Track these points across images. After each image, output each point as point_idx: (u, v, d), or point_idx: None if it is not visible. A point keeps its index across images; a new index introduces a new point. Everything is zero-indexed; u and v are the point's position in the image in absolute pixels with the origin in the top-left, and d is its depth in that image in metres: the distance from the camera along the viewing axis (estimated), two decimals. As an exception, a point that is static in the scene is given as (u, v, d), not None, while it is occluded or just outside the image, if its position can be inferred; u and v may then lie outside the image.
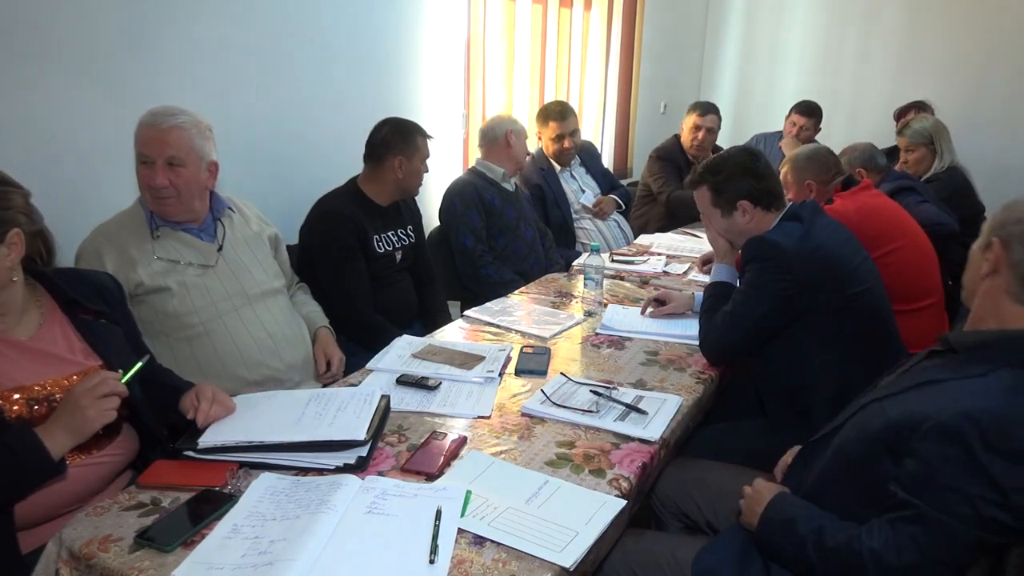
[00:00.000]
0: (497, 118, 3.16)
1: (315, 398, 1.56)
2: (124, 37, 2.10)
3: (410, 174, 2.47)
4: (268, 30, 2.52)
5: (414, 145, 2.46)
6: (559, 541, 1.19)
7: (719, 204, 1.95)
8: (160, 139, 1.77)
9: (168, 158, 1.77)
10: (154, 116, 1.79)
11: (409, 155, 2.45)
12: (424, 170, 2.53)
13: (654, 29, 4.95)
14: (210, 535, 1.18)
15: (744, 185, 1.90)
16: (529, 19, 3.94)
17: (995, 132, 4.59)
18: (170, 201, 1.81)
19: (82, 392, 1.25)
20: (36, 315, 1.41)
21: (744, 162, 1.93)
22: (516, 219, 3.04)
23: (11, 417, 1.26)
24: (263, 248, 2.04)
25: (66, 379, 1.36)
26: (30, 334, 1.38)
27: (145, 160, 1.78)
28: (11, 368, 1.32)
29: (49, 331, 1.42)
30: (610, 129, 4.86)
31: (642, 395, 1.74)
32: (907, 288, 2.42)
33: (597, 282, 2.42)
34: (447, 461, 1.42)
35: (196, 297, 1.83)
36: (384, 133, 2.46)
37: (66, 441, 1.24)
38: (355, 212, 2.39)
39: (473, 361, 1.90)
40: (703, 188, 1.97)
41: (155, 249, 1.81)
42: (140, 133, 1.79)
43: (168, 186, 1.78)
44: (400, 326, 2.40)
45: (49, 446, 1.21)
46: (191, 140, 1.80)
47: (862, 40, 5.12)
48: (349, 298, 2.35)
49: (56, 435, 1.23)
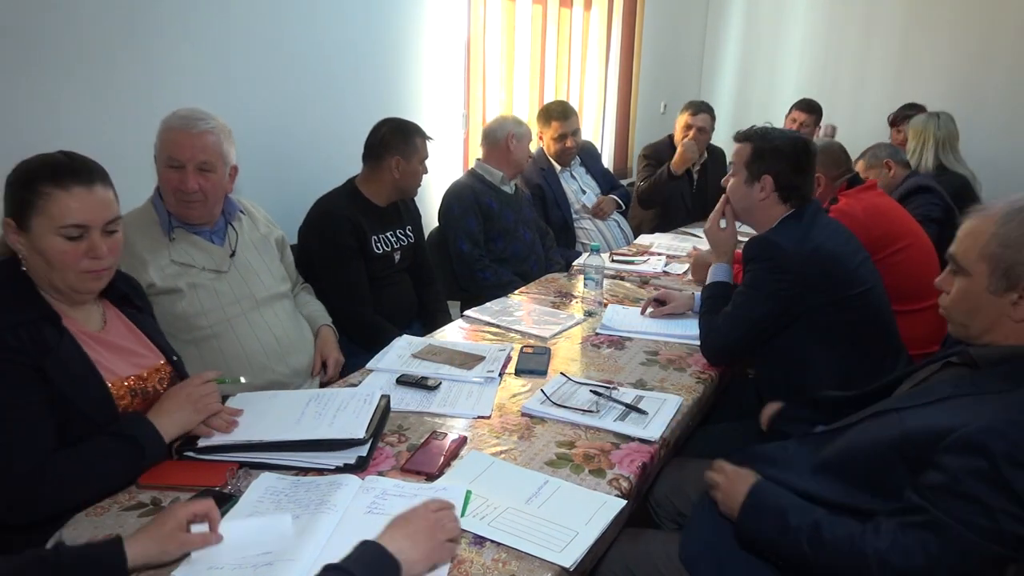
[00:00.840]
0: (500, 120, 3.11)
1: (315, 398, 1.56)
2: (123, 37, 2.10)
3: (408, 174, 2.46)
4: (267, 30, 2.52)
5: (413, 146, 2.45)
6: (559, 541, 1.19)
7: (750, 167, 1.93)
8: (192, 144, 1.78)
9: (200, 163, 1.79)
10: (184, 120, 1.79)
11: (408, 156, 2.44)
12: (423, 171, 2.52)
13: (654, 29, 4.95)
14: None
15: (781, 165, 1.89)
16: (529, 19, 3.94)
17: (994, 133, 4.59)
18: (196, 205, 1.82)
19: (198, 396, 1.40)
20: (97, 309, 1.45)
21: (796, 148, 1.91)
22: (515, 222, 3.03)
23: (123, 409, 1.37)
24: (271, 251, 2.04)
25: (146, 372, 1.45)
26: (98, 327, 1.43)
27: (174, 164, 1.78)
28: (106, 361, 1.38)
29: (113, 325, 1.47)
30: (610, 129, 4.86)
31: (642, 395, 1.74)
32: (913, 288, 2.42)
33: (597, 282, 2.42)
34: (447, 461, 1.42)
35: (205, 300, 1.84)
36: (383, 133, 2.45)
37: (174, 431, 1.37)
38: (353, 212, 2.38)
39: (473, 361, 1.89)
40: (748, 145, 1.94)
41: (171, 252, 1.82)
42: (169, 137, 1.79)
43: (198, 190, 1.79)
44: (400, 326, 2.40)
45: (162, 433, 1.35)
46: (220, 145, 1.82)
47: (862, 40, 5.12)
48: (348, 298, 2.35)
49: (166, 426, 1.35)
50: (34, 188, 1.29)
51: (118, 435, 1.30)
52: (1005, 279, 1.20)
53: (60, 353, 1.28)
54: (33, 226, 1.29)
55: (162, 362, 1.51)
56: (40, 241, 1.30)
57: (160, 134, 1.81)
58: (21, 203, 1.29)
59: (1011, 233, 1.19)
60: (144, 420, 1.34)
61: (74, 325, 1.36)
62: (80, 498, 1.24)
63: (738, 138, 1.99)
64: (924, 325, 2.38)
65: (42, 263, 1.32)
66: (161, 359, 1.52)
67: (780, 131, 2.00)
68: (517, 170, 3.12)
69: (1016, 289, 1.19)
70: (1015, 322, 1.21)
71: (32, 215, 1.29)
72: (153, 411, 1.38)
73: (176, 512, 1.10)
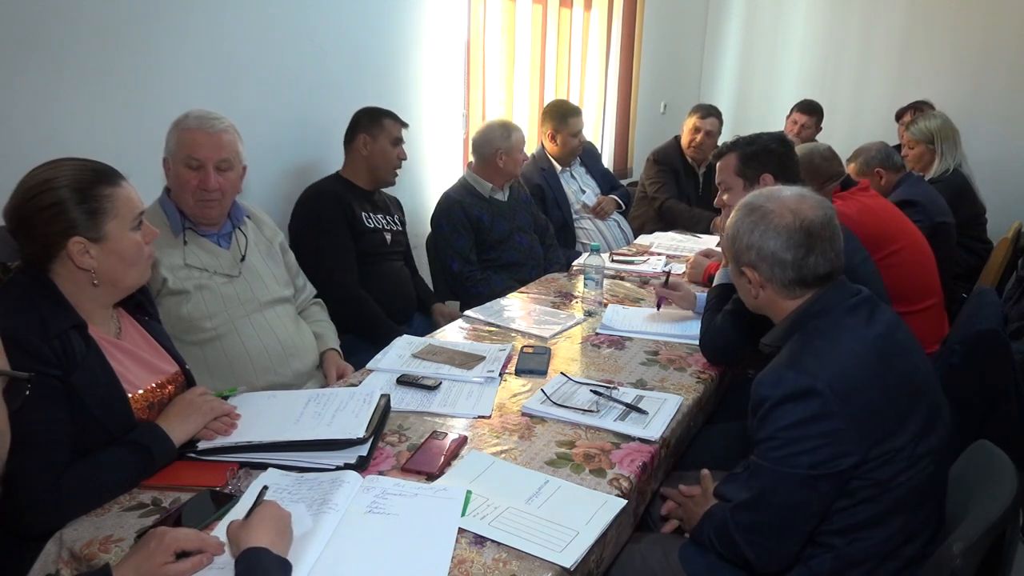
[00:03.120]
0: (488, 130, 2.96)
1: (315, 398, 1.56)
2: (121, 36, 2.10)
3: (376, 153, 2.55)
4: (266, 30, 2.52)
5: (379, 124, 2.55)
6: (559, 541, 1.19)
7: (744, 173, 1.97)
8: (212, 143, 1.81)
9: (219, 162, 1.82)
10: (201, 120, 1.82)
11: (374, 134, 2.54)
12: (396, 154, 2.59)
13: (654, 29, 4.95)
14: (212, 535, 1.17)
15: (774, 160, 1.95)
16: (529, 19, 3.94)
17: (995, 132, 4.59)
18: (215, 204, 1.85)
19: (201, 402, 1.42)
20: (112, 318, 1.45)
21: (779, 141, 2.00)
22: (509, 230, 2.97)
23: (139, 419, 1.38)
24: (275, 255, 2.05)
25: (158, 385, 1.45)
26: (114, 333, 1.43)
27: (193, 164, 1.80)
28: (127, 372, 1.39)
29: (127, 332, 1.47)
30: (610, 129, 4.86)
31: (642, 395, 1.74)
32: (909, 289, 2.42)
33: (597, 282, 2.42)
34: (447, 461, 1.42)
35: (211, 302, 1.84)
36: (355, 116, 2.58)
37: (183, 438, 1.39)
38: (338, 190, 2.49)
39: (473, 361, 1.90)
40: (731, 155, 1.99)
41: (185, 255, 1.83)
42: (188, 136, 1.81)
43: (218, 189, 1.82)
44: (400, 320, 2.45)
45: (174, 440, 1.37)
46: (235, 144, 1.87)
47: (862, 40, 5.12)
48: (330, 269, 2.38)
49: (176, 433, 1.37)
50: (95, 195, 1.30)
51: (133, 445, 1.31)
52: (737, 266, 1.43)
53: (86, 367, 1.28)
54: (109, 230, 1.31)
55: (175, 371, 1.52)
56: (118, 242, 1.33)
57: (176, 134, 1.82)
58: (89, 214, 1.30)
59: (732, 228, 1.42)
60: (157, 429, 1.35)
61: (97, 333, 1.36)
62: (93, 507, 1.25)
63: (719, 154, 2.06)
64: (923, 326, 2.38)
65: (118, 264, 1.34)
66: (175, 367, 1.52)
67: (755, 134, 2.04)
68: (508, 179, 3.02)
69: (744, 274, 1.42)
70: (755, 298, 1.44)
71: (104, 220, 1.31)
72: (162, 418, 1.39)
73: (164, 543, 1.06)
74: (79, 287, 1.33)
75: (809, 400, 1.22)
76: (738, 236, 1.41)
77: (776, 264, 1.36)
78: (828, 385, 1.22)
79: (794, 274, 1.36)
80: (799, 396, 1.23)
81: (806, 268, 1.35)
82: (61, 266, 1.31)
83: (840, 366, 1.25)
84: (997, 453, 1.34)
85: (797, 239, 1.35)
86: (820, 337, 1.31)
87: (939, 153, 3.48)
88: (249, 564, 1.02)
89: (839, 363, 1.25)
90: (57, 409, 1.24)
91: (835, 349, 1.28)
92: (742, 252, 1.40)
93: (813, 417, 1.22)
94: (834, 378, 1.23)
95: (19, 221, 1.29)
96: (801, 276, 1.36)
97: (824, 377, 1.22)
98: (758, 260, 1.38)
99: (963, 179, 3.49)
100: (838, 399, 1.21)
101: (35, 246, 1.30)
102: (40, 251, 1.30)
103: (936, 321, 2.56)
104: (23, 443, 0.87)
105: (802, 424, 1.23)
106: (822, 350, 1.28)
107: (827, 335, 1.31)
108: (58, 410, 1.24)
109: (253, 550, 1.03)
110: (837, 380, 1.23)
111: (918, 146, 3.51)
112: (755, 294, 1.43)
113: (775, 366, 1.32)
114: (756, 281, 1.40)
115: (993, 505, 1.19)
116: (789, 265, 1.35)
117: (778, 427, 1.25)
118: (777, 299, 1.41)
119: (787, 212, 1.37)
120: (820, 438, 1.22)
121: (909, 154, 3.54)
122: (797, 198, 1.40)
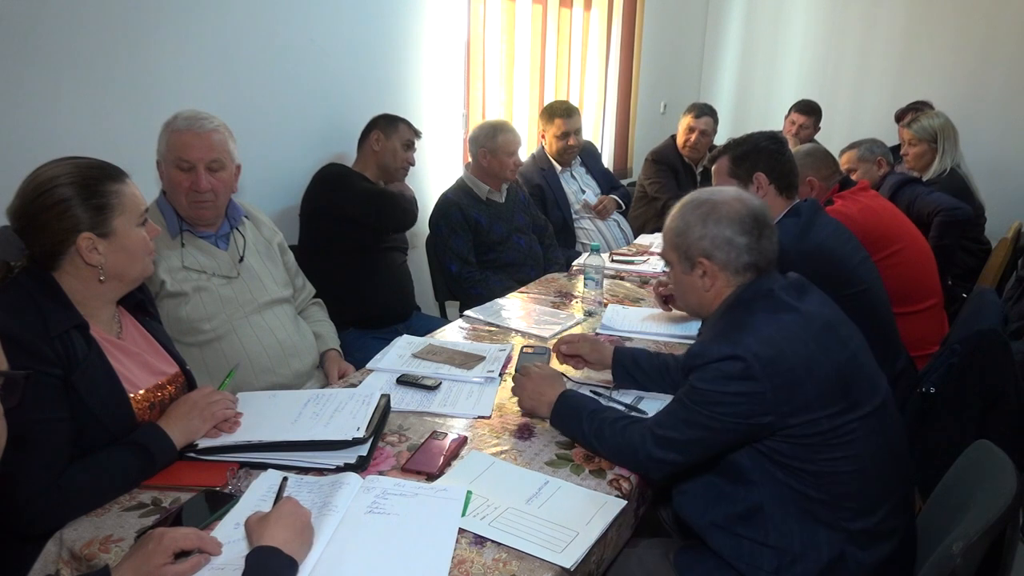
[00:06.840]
0: (477, 129, 2.97)
1: (314, 398, 1.56)
2: (119, 36, 2.10)
3: (388, 151, 2.62)
4: (266, 30, 2.52)
5: (395, 126, 2.64)
6: (560, 541, 1.19)
7: (737, 174, 1.99)
8: (201, 144, 1.80)
9: (210, 162, 1.81)
10: (189, 121, 1.81)
11: (388, 133, 2.62)
12: (406, 158, 2.65)
13: (654, 29, 4.95)
14: (211, 535, 1.18)
15: (765, 159, 1.97)
16: (529, 19, 3.94)
17: (995, 132, 4.59)
18: (208, 204, 1.84)
19: (204, 405, 1.42)
20: (113, 317, 1.45)
21: (768, 139, 2.02)
22: (507, 232, 2.98)
23: (140, 420, 1.38)
24: (274, 256, 2.05)
25: (158, 385, 1.45)
26: (115, 333, 1.43)
27: (184, 166, 1.80)
28: (128, 372, 1.38)
29: (129, 333, 1.47)
30: (610, 129, 4.86)
31: (642, 395, 1.74)
32: (910, 290, 2.42)
33: (597, 282, 2.42)
34: (447, 461, 1.43)
35: (210, 304, 1.84)
36: (373, 119, 2.67)
37: (183, 440, 1.39)
38: (351, 174, 2.59)
39: (473, 361, 1.90)
40: (723, 159, 2.03)
41: (183, 257, 1.82)
42: (176, 139, 1.80)
43: (210, 190, 1.81)
44: (403, 317, 2.53)
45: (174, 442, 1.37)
46: (226, 143, 1.85)
47: (862, 40, 5.11)
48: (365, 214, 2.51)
49: (176, 435, 1.37)
50: (102, 191, 1.31)
51: (133, 445, 1.31)
52: (688, 261, 1.44)
53: (87, 366, 1.28)
54: (116, 226, 1.32)
55: (176, 371, 1.52)
56: (126, 238, 1.33)
57: (166, 137, 1.82)
58: (97, 210, 1.30)
59: (679, 224, 1.45)
60: (158, 430, 1.35)
61: (98, 333, 1.36)
62: (93, 508, 1.25)
63: (711, 159, 2.09)
64: (923, 326, 2.39)
65: (125, 260, 1.35)
66: (175, 368, 1.52)
67: (747, 134, 2.06)
68: (501, 181, 2.99)
69: (697, 267, 1.42)
70: (706, 291, 1.44)
71: (112, 216, 1.32)
72: (163, 420, 1.39)
73: (163, 543, 1.06)
74: (85, 284, 1.33)
75: (734, 362, 1.28)
76: (688, 229, 1.43)
77: (732, 248, 1.39)
78: (754, 354, 1.27)
79: (749, 258, 1.39)
80: (726, 358, 1.29)
81: (760, 251, 1.40)
82: (68, 263, 1.32)
83: (766, 334, 1.29)
84: (997, 453, 1.34)
85: (748, 224, 1.39)
86: (749, 314, 1.35)
87: (940, 152, 3.48)
88: (257, 562, 1.02)
89: (764, 332, 1.30)
90: (57, 409, 1.24)
91: (763, 323, 1.32)
92: (693, 244, 1.42)
93: (737, 376, 1.27)
94: (760, 345, 1.27)
95: (27, 219, 1.29)
96: (755, 260, 1.40)
97: (750, 345, 1.27)
98: (712, 248, 1.40)
99: (961, 179, 3.49)
100: (761, 364, 1.26)
101: (43, 244, 1.30)
102: (48, 248, 1.30)
103: (936, 321, 2.57)
104: (23, 442, 0.87)
105: (724, 380, 1.29)
106: (750, 324, 1.32)
107: (756, 312, 1.35)
108: (58, 410, 1.24)
109: (264, 549, 1.04)
110: (763, 347, 1.27)
111: (920, 144, 3.51)
112: (707, 287, 1.43)
113: (704, 340, 1.40)
114: (711, 271, 1.41)
115: (993, 505, 1.18)
116: (744, 249, 1.39)
117: (704, 379, 1.31)
118: (726, 290, 1.43)
119: (734, 201, 1.42)
120: (739, 396, 1.28)
121: (910, 152, 3.53)
122: (737, 192, 1.46)
